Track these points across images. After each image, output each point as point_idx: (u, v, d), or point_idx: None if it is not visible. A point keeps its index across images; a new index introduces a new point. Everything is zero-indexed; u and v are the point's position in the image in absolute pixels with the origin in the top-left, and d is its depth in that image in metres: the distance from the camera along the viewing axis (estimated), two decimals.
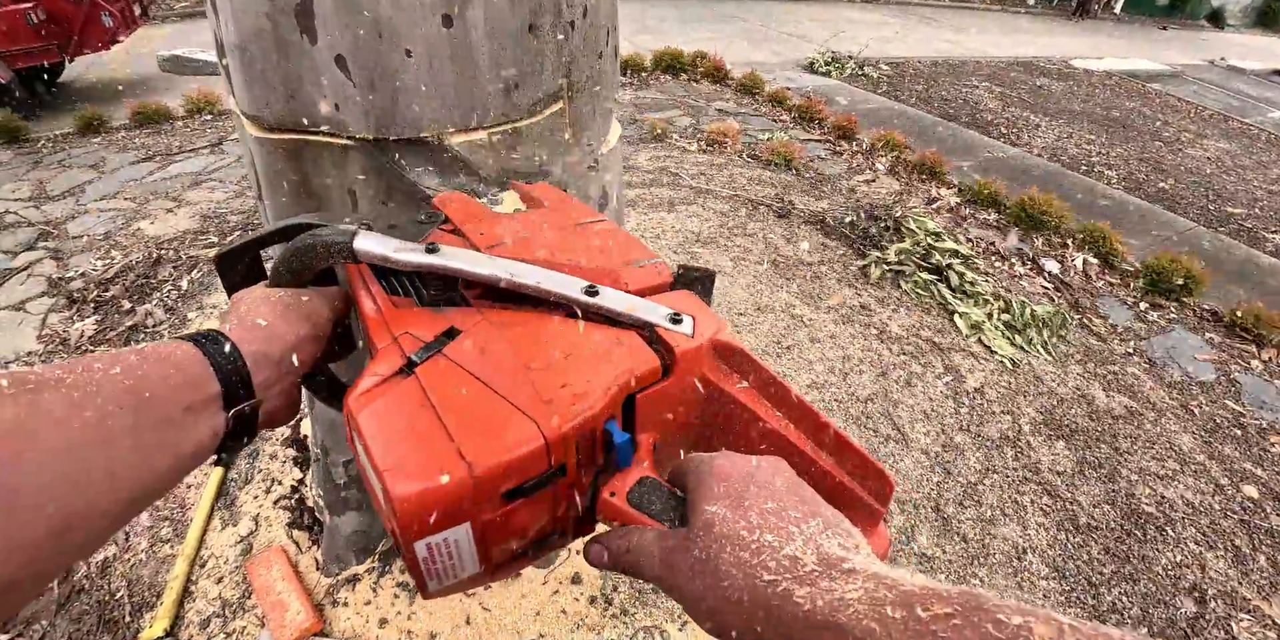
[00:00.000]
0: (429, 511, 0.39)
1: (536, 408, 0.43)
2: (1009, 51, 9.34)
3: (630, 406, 0.48)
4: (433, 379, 0.45)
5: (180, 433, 0.43)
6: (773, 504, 0.36)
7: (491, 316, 0.52)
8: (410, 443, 0.41)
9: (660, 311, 0.51)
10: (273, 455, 1.91)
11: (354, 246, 0.53)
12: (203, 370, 0.45)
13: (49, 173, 3.96)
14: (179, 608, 1.55)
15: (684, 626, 1.48)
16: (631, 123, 4.82)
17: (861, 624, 0.28)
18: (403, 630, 1.40)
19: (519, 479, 0.41)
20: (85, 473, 0.36)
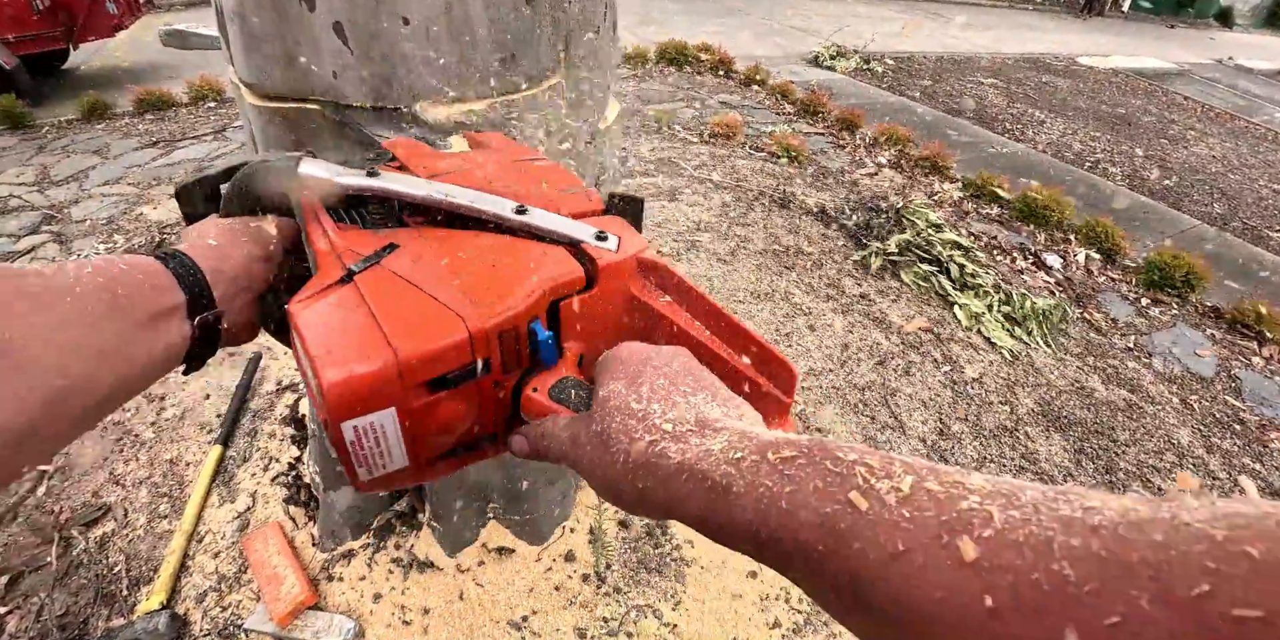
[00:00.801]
0: (355, 393, 0.40)
1: (463, 306, 0.45)
2: (1016, 48, 9.31)
3: (555, 315, 0.50)
4: (370, 285, 0.47)
5: (152, 333, 0.45)
6: (665, 381, 0.38)
7: (428, 234, 0.54)
8: (343, 334, 0.43)
9: (587, 230, 0.54)
10: (271, 434, 1.92)
11: (299, 171, 0.55)
12: (167, 280, 0.48)
13: (53, 158, 3.97)
14: (175, 582, 1.57)
15: (677, 605, 1.49)
16: (635, 114, 4.81)
17: (719, 470, 0.30)
18: (396, 605, 1.41)
19: (443, 369, 0.43)
20: (76, 346, 0.39)
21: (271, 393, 2.10)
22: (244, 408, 2.05)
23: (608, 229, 0.55)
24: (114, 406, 0.44)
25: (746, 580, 1.56)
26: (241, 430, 1.98)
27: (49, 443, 0.39)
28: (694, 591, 1.51)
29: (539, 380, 0.48)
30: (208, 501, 1.75)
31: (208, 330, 0.51)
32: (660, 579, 1.53)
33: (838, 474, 0.27)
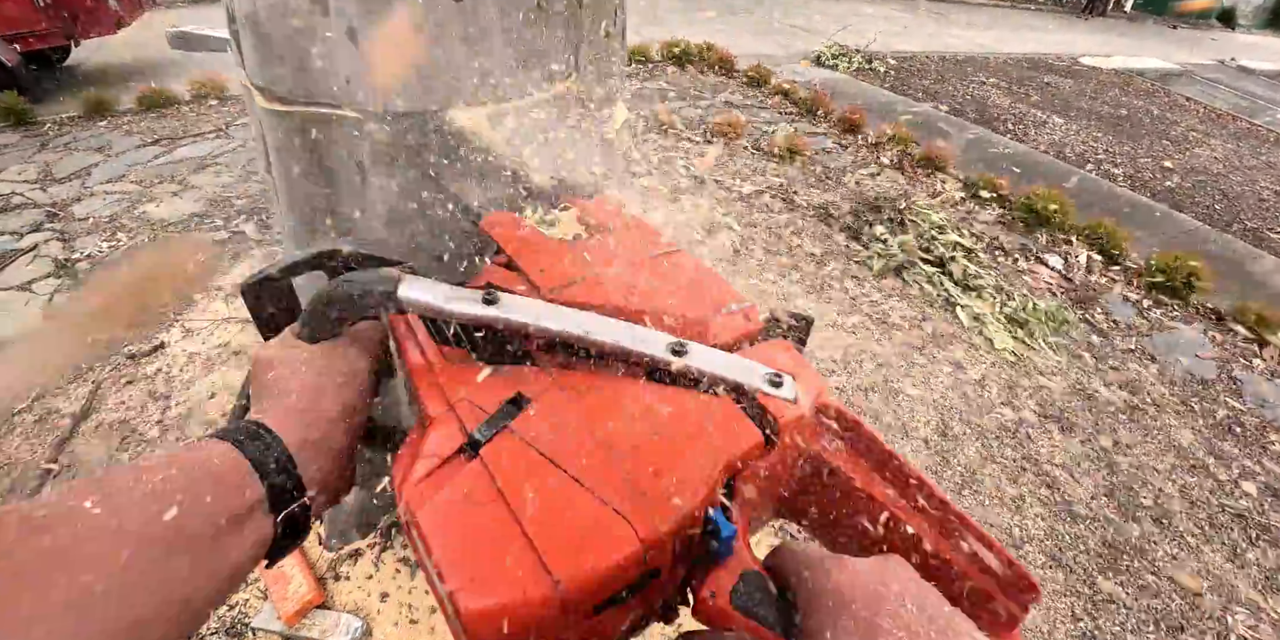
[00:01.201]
0: (507, 630, 0.34)
1: (629, 503, 0.37)
2: (1018, 48, 9.30)
3: (728, 489, 0.42)
4: (504, 466, 0.39)
5: (223, 551, 0.38)
6: (903, 633, 0.32)
7: (562, 380, 0.45)
8: (483, 549, 0.35)
9: (759, 372, 0.45)
10: None
11: (399, 296, 0.46)
12: (244, 476, 0.41)
13: (55, 155, 3.97)
14: None
15: None
16: (638, 113, 4.81)
17: None
18: (404, 604, 1.42)
19: (611, 591, 0.36)
20: (137, 608, 0.33)
21: None
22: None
23: (777, 364, 0.46)
24: (189, 634, 0.40)
25: None
26: None
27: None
28: None
29: (715, 579, 0.38)
30: None
31: (293, 523, 0.43)
32: None
33: None
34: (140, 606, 0.34)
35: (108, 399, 2.17)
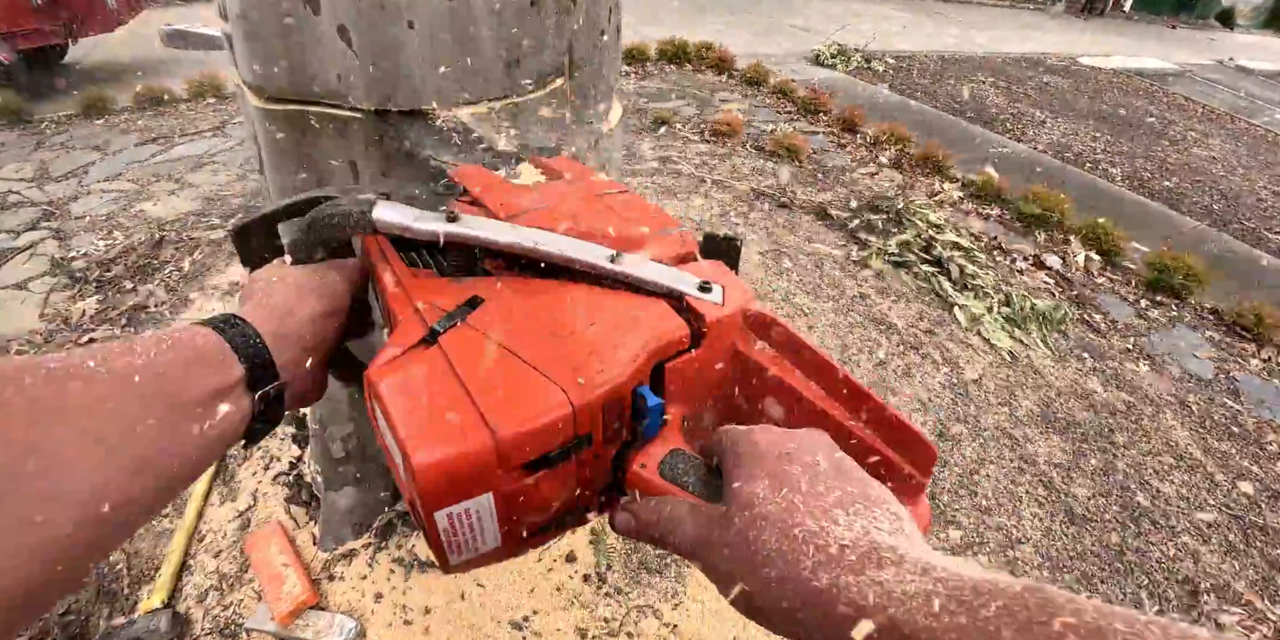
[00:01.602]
0: (451, 480, 0.38)
1: (563, 375, 0.41)
2: (1016, 48, 9.30)
3: (658, 377, 0.46)
4: (456, 348, 0.44)
5: (206, 419, 0.42)
6: (816, 484, 0.34)
7: (514, 285, 0.51)
8: (433, 410, 0.39)
9: (688, 280, 0.49)
10: (272, 432, 1.92)
11: (373, 216, 0.51)
12: (224, 355, 0.44)
13: (52, 154, 3.96)
14: (177, 580, 1.57)
15: (677, 606, 1.49)
16: (635, 112, 4.81)
17: (915, 619, 0.26)
18: (398, 605, 1.41)
19: (544, 448, 0.40)
20: (109, 459, 0.35)
21: None
22: None
23: (708, 276, 0.50)
24: (161, 509, 0.41)
25: None
26: None
27: (80, 571, 0.35)
28: (694, 592, 1.51)
29: (645, 454, 0.44)
30: (209, 500, 1.76)
31: (270, 403, 0.47)
32: (661, 580, 1.53)
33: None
34: (139, 453, 0.37)
35: None
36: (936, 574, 0.28)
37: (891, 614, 0.27)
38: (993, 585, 0.26)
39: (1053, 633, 0.23)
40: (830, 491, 0.34)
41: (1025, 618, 0.24)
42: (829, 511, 0.33)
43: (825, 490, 0.34)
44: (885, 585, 0.28)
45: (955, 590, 0.27)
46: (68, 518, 0.33)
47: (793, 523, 0.32)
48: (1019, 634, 0.24)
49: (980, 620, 0.25)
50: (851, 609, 0.28)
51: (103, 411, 0.36)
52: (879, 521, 0.32)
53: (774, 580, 0.31)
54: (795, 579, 0.30)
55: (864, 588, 0.28)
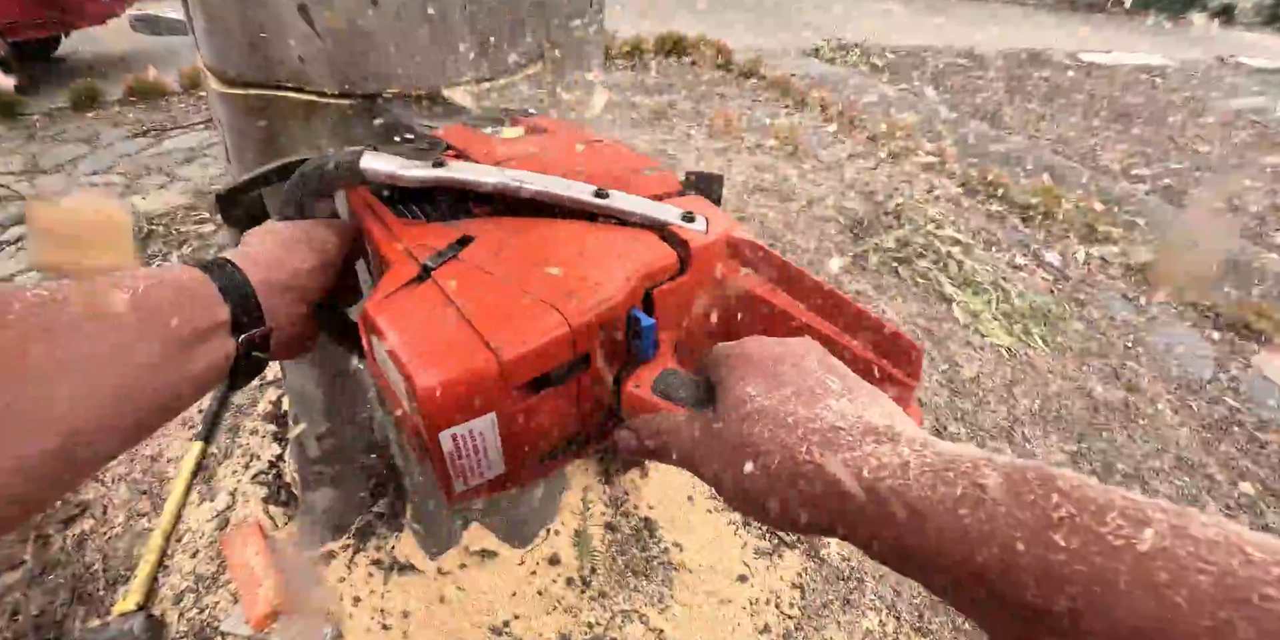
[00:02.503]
0: (455, 399, 0.38)
1: (558, 298, 0.42)
2: (1017, 43, 9.24)
3: (648, 303, 0.48)
4: (451, 281, 0.44)
5: (189, 355, 0.42)
6: (807, 380, 0.35)
7: (503, 224, 0.52)
8: (433, 335, 0.40)
9: (672, 211, 0.51)
10: (253, 431, 1.88)
11: (361, 166, 0.52)
12: (211, 295, 0.45)
13: (42, 147, 3.92)
14: (153, 582, 1.53)
15: (664, 610, 1.45)
16: (631, 106, 4.76)
17: (910, 492, 0.26)
18: (376, 608, 1.38)
19: (544, 367, 0.41)
20: (93, 388, 0.36)
21: (255, 387, 2.06)
22: (226, 403, 2.02)
23: (691, 208, 0.52)
24: (140, 439, 0.41)
25: (736, 584, 1.52)
26: (223, 426, 1.94)
27: (52, 493, 0.36)
28: (682, 596, 1.48)
29: (638, 375, 0.45)
30: (187, 499, 1.72)
31: (253, 348, 0.48)
32: (647, 583, 1.49)
33: (1067, 512, 0.23)
34: (122, 381, 0.37)
35: None
36: (935, 449, 0.28)
37: (890, 484, 0.27)
38: (985, 458, 0.27)
39: (1051, 503, 0.23)
40: (821, 386, 0.35)
41: (1024, 487, 0.24)
42: (821, 401, 0.33)
43: (816, 384, 0.35)
44: (882, 458, 0.28)
45: (953, 462, 0.27)
46: (40, 441, 0.33)
47: (786, 412, 0.33)
48: (1015, 498, 0.24)
49: (971, 484, 0.25)
50: (835, 481, 0.28)
51: (87, 340, 0.36)
52: (871, 409, 0.33)
53: (768, 466, 0.31)
54: (788, 461, 0.31)
55: (860, 461, 0.28)
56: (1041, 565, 0.22)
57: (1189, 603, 0.19)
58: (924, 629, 1.55)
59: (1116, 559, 0.21)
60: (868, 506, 0.27)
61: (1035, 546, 0.22)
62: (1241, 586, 0.19)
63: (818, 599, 1.55)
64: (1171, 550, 0.21)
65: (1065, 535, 0.22)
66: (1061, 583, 0.21)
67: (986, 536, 0.23)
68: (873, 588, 1.61)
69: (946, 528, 0.25)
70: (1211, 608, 0.19)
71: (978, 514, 0.24)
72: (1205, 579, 0.20)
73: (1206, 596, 0.19)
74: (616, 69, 5.70)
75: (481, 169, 0.52)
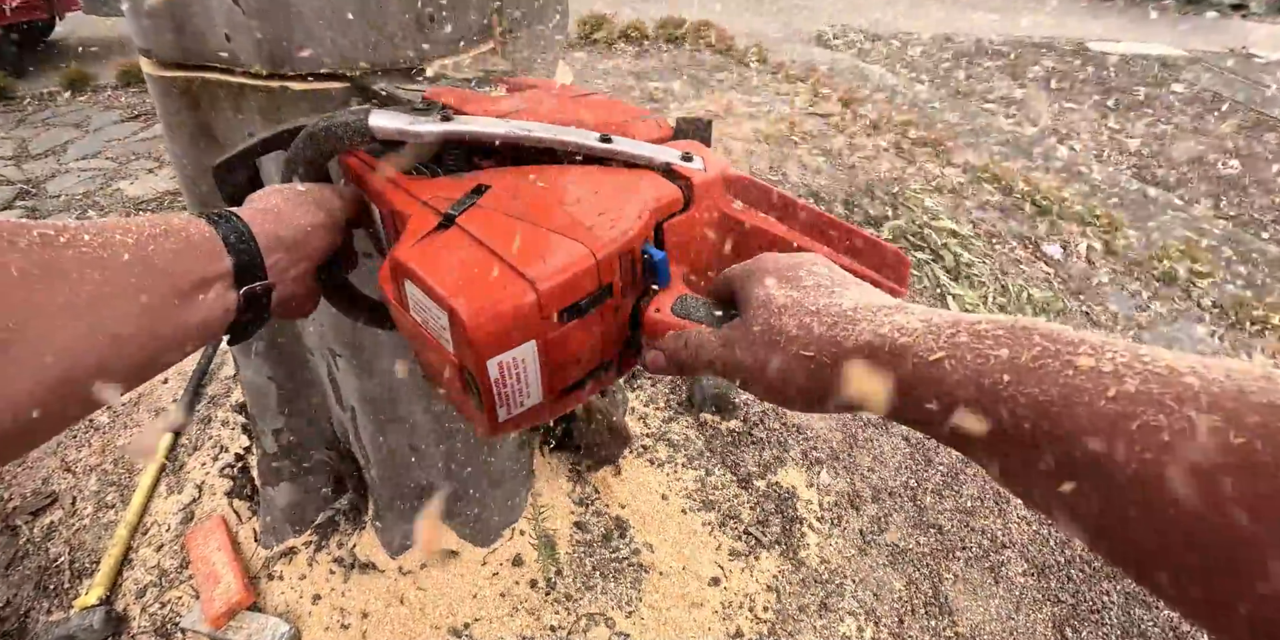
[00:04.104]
0: (500, 328, 0.40)
1: (580, 233, 0.45)
2: (1024, 31, 9.09)
3: (659, 236, 0.51)
4: (476, 225, 0.46)
5: (189, 304, 0.42)
6: (821, 281, 0.38)
7: (515, 172, 0.53)
8: (470, 272, 0.42)
9: (673, 153, 0.54)
10: (224, 422, 1.85)
11: (369, 123, 0.52)
12: (214, 246, 0.44)
13: (32, 131, 3.89)
14: (117, 575, 1.51)
15: (631, 614, 1.41)
16: (630, 92, 4.69)
17: (922, 343, 0.30)
18: (335, 607, 1.34)
19: (575, 297, 0.43)
20: (92, 330, 0.36)
21: (229, 377, 2.03)
22: (199, 393, 1.98)
23: (687, 150, 0.55)
24: (135, 385, 0.41)
25: (708, 587, 1.48)
26: (195, 417, 1.91)
27: (42, 434, 0.36)
28: (650, 599, 1.44)
29: (657, 301, 0.48)
30: (155, 491, 1.69)
31: (255, 302, 0.48)
32: (615, 585, 1.45)
33: (1059, 350, 0.26)
34: (120, 326, 0.37)
35: None
36: (942, 316, 0.32)
37: (903, 342, 0.30)
38: (984, 317, 0.30)
39: (1057, 341, 0.27)
40: (834, 283, 0.39)
41: (1025, 332, 0.28)
42: (836, 293, 0.37)
43: (829, 282, 0.38)
44: (898, 322, 0.32)
45: (957, 319, 0.30)
46: (34, 380, 0.33)
47: (809, 302, 0.37)
48: (1022, 344, 0.27)
49: (980, 333, 0.29)
50: (858, 343, 0.32)
51: (88, 283, 0.36)
52: (881, 297, 0.37)
53: (796, 348, 0.35)
54: (814, 339, 0.34)
55: (880, 327, 0.32)
56: (1024, 382, 0.26)
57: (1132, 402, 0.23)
58: (903, 635, 1.51)
59: (1075, 375, 0.25)
60: (879, 361, 0.31)
61: (1019, 371, 0.27)
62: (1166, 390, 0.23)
63: (793, 603, 1.51)
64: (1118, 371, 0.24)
65: (1037, 358, 0.26)
66: (1039, 399, 0.25)
67: (988, 368, 0.27)
68: (852, 592, 1.57)
69: (958, 366, 0.28)
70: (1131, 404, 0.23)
71: (977, 350, 0.28)
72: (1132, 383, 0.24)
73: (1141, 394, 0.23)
74: (615, 54, 5.62)
75: (489, 121, 0.53)
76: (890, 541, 1.75)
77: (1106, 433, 0.23)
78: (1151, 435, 0.22)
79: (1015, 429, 0.26)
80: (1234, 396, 0.21)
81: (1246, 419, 0.20)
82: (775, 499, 1.73)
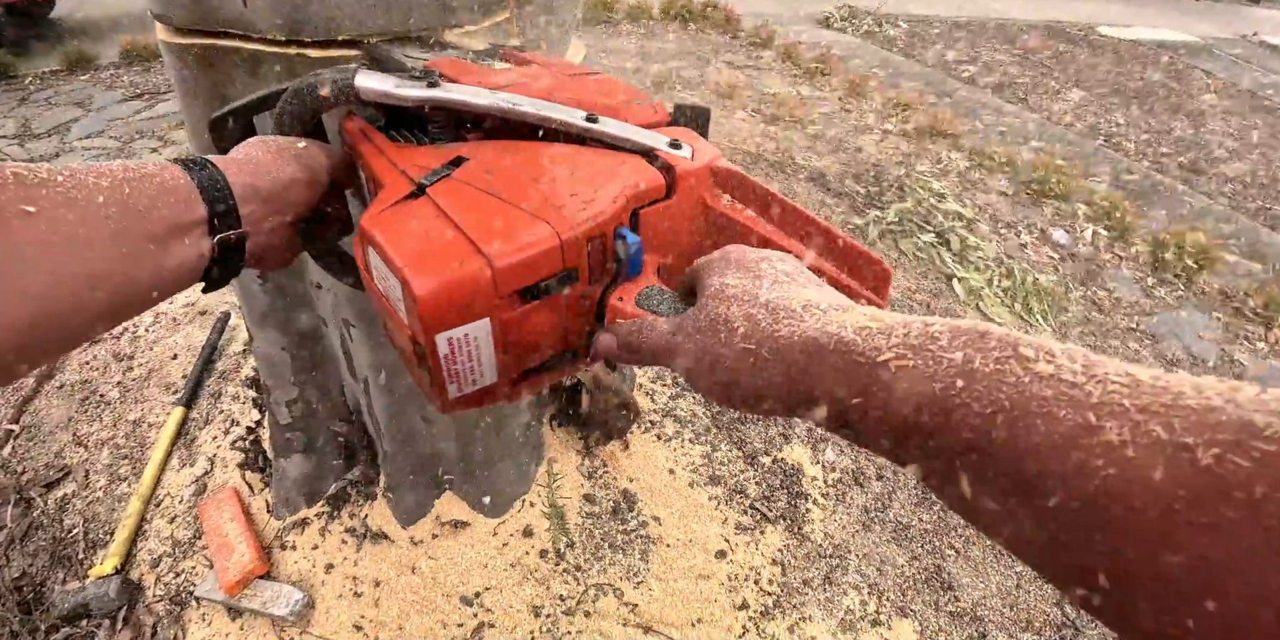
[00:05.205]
0: (450, 302, 0.40)
1: (549, 212, 0.44)
2: (1034, 14, 9.00)
3: (635, 223, 0.49)
4: (445, 197, 0.45)
5: (164, 249, 0.42)
6: (781, 278, 0.37)
7: (496, 146, 0.53)
8: (429, 244, 0.41)
9: (660, 139, 0.52)
10: (234, 396, 1.86)
11: (355, 83, 0.53)
12: (189, 193, 0.45)
13: (35, 110, 3.87)
14: (131, 546, 1.53)
15: (639, 585, 1.43)
16: (635, 73, 4.66)
17: (869, 342, 0.28)
18: (348, 576, 1.36)
19: (535, 277, 0.43)
20: (68, 269, 0.36)
21: (239, 354, 2.04)
22: (209, 368, 2.00)
23: (679, 138, 0.53)
24: (110, 326, 0.42)
25: (715, 560, 1.50)
26: (206, 391, 1.92)
27: (22, 364, 0.37)
28: (658, 571, 1.46)
29: (624, 290, 0.47)
30: (168, 464, 1.71)
31: (229, 251, 0.48)
32: (623, 557, 1.47)
33: (1017, 355, 0.25)
34: (95, 266, 0.38)
35: (72, 359, 2.12)
36: (895, 317, 0.30)
37: (849, 340, 0.29)
38: (931, 319, 0.29)
39: (1006, 346, 0.25)
40: (793, 280, 0.37)
41: (965, 335, 0.27)
42: (792, 289, 0.36)
43: (788, 279, 0.37)
44: (845, 320, 0.30)
45: (908, 320, 0.29)
46: (10, 315, 0.34)
47: (759, 294, 0.35)
48: (967, 346, 0.26)
49: (928, 335, 0.27)
50: (802, 339, 0.31)
51: (64, 223, 0.36)
52: (839, 298, 0.35)
53: (738, 339, 0.33)
54: (758, 333, 0.33)
55: (828, 324, 0.31)
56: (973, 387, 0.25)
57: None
58: (906, 609, 1.53)
59: (1033, 382, 0.24)
60: (821, 359, 0.29)
61: (968, 376, 0.25)
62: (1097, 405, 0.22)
63: (798, 576, 1.53)
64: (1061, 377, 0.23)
65: (993, 363, 0.25)
66: (987, 402, 0.24)
67: (941, 372, 0.26)
68: (856, 566, 1.59)
69: (903, 369, 0.27)
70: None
71: (929, 353, 0.27)
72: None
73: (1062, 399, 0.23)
74: (621, 35, 5.58)
75: (474, 91, 0.53)
76: (893, 518, 1.77)
77: (1064, 446, 0.21)
78: (1114, 450, 0.20)
79: (968, 439, 0.24)
80: (1201, 413, 0.20)
81: (1216, 437, 0.19)
82: (781, 475, 1.75)
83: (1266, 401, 0.19)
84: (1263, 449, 0.18)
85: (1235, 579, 0.17)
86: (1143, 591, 0.19)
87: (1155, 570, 0.19)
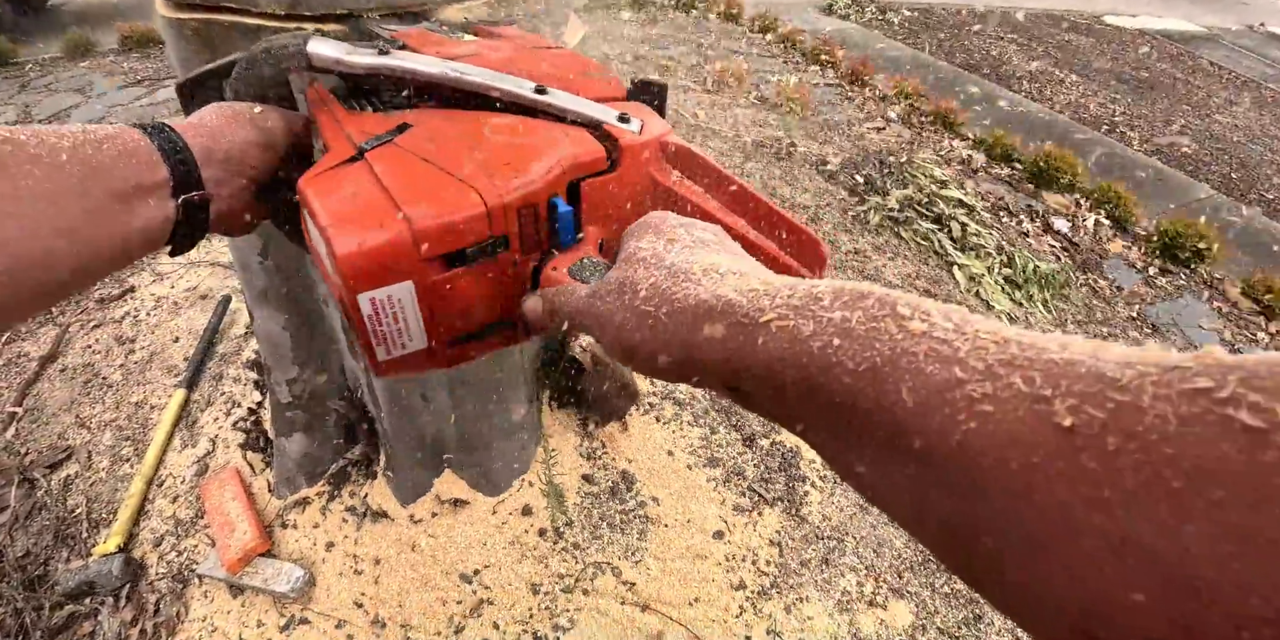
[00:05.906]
0: (371, 262, 0.40)
1: (479, 179, 0.44)
2: (1039, 3, 8.94)
3: (576, 197, 0.49)
4: (382, 162, 0.46)
5: (130, 209, 0.43)
6: (697, 241, 0.37)
7: (442, 114, 0.53)
8: (355, 205, 0.42)
9: (609, 112, 0.52)
10: (236, 378, 1.87)
11: (307, 49, 0.53)
12: (150, 154, 0.45)
13: (35, 97, 3.87)
14: (134, 525, 1.54)
15: (637, 564, 1.45)
16: (637, 59, 4.64)
17: (754, 303, 0.28)
18: (349, 554, 1.38)
19: (460, 242, 0.43)
20: (39, 222, 0.37)
21: (240, 337, 2.05)
22: (211, 351, 2.01)
23: (631, 113, 0.53)
24: (79, 285, 0.42)
25: (712, 540, 1.51)
26: (207, 374, 1.94)
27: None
28: (656, 550, 1.47)
29: (559, 260, 0.47)
30: (170, 445, 1.72)
31: (193, 212, 0.48)
32: (622, 536, 1.49)
33: (895, 313, 0.25)
34: (65, 222, 0.39)
35: (75, 343, 2.13)
36: (784, 280, 0.30)
37: (734, 300, 0.29)
38: (824, 282, 0.28)
39: (885, 305, 0.25)
40: (707, 247, 0.36)
41: (847, 295, 0.27)
42: (700, 253, 0.35)
43: (701, 245, 0.36)
44: (736, 283, 0.30)
45: (796, 283, 0.29)
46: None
47: (667, 257, 0.35)
48: (847, 307, 0.26)
49: (812, 296, 0.27)
50: (693, 300, 0.31)
51: (33, 179, 0.37)
52: (746, 264, 0.35)
53: (633, 299, 0.34)
54: (659, 296, 0.32)
55: (719, 287, 0.31)
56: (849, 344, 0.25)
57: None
58: (902, 590, 1.54)
59: (905, 339, 0.24)
60: (709, 320, 0.29)
61: (846, 335, 0.25)
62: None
63: (795, 557, 1.54)
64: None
65: (868, 320, 0.25)
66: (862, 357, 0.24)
67: (820, 331, 0.26)
68: (853, 548, 1.60)
69: (783, 329, 0.27)
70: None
71: (810, 313, 0.26)
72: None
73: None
74: (623, 21, 5.55)
75: (425, 60, 0.53)
76: None
77: (930, 401, 0.21)
78: (975, 404, 0.20)
79: (843, 395, 0.24)
80: (1062, 366, 0.20)
81: (1073, 388, 0.19)
82: (779, 457, 1.76)
83: (1127, 354, 0.19)
84: (1117, 399, 0.18)
85: (1093, 527, 0.17)
86: (1008, 546, 0.19)
87: (1019, 520, 0.18)
